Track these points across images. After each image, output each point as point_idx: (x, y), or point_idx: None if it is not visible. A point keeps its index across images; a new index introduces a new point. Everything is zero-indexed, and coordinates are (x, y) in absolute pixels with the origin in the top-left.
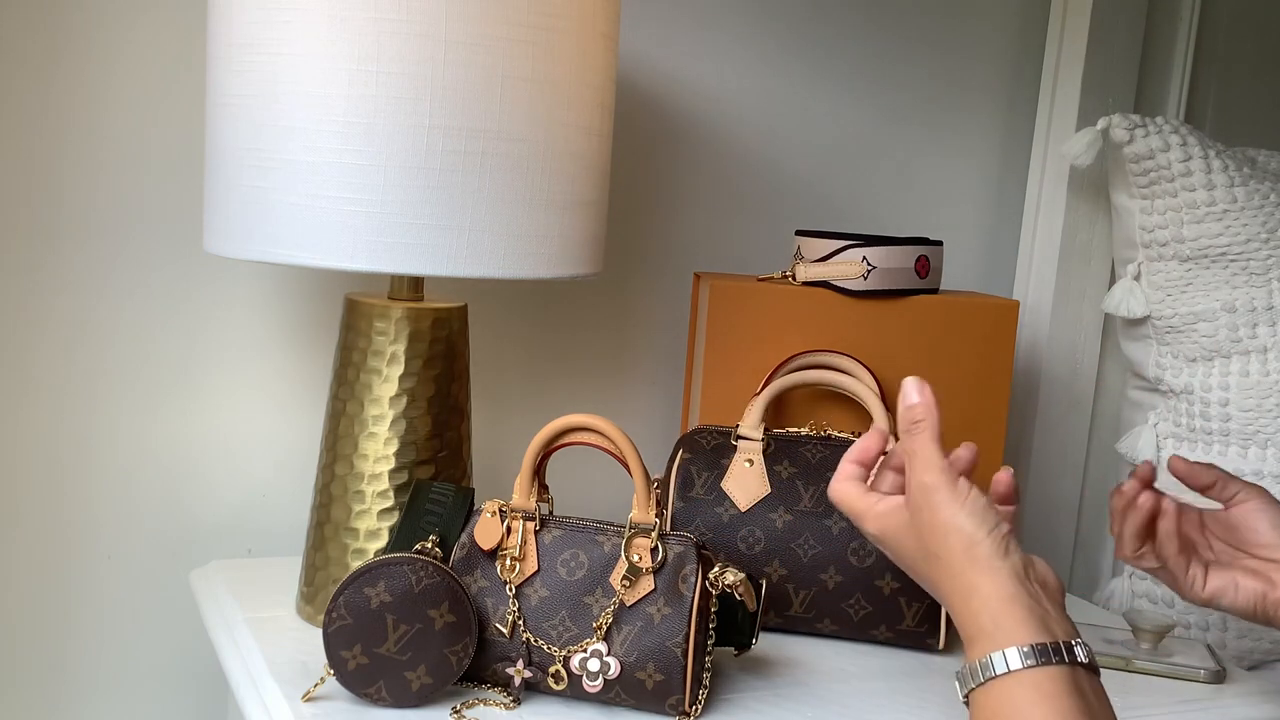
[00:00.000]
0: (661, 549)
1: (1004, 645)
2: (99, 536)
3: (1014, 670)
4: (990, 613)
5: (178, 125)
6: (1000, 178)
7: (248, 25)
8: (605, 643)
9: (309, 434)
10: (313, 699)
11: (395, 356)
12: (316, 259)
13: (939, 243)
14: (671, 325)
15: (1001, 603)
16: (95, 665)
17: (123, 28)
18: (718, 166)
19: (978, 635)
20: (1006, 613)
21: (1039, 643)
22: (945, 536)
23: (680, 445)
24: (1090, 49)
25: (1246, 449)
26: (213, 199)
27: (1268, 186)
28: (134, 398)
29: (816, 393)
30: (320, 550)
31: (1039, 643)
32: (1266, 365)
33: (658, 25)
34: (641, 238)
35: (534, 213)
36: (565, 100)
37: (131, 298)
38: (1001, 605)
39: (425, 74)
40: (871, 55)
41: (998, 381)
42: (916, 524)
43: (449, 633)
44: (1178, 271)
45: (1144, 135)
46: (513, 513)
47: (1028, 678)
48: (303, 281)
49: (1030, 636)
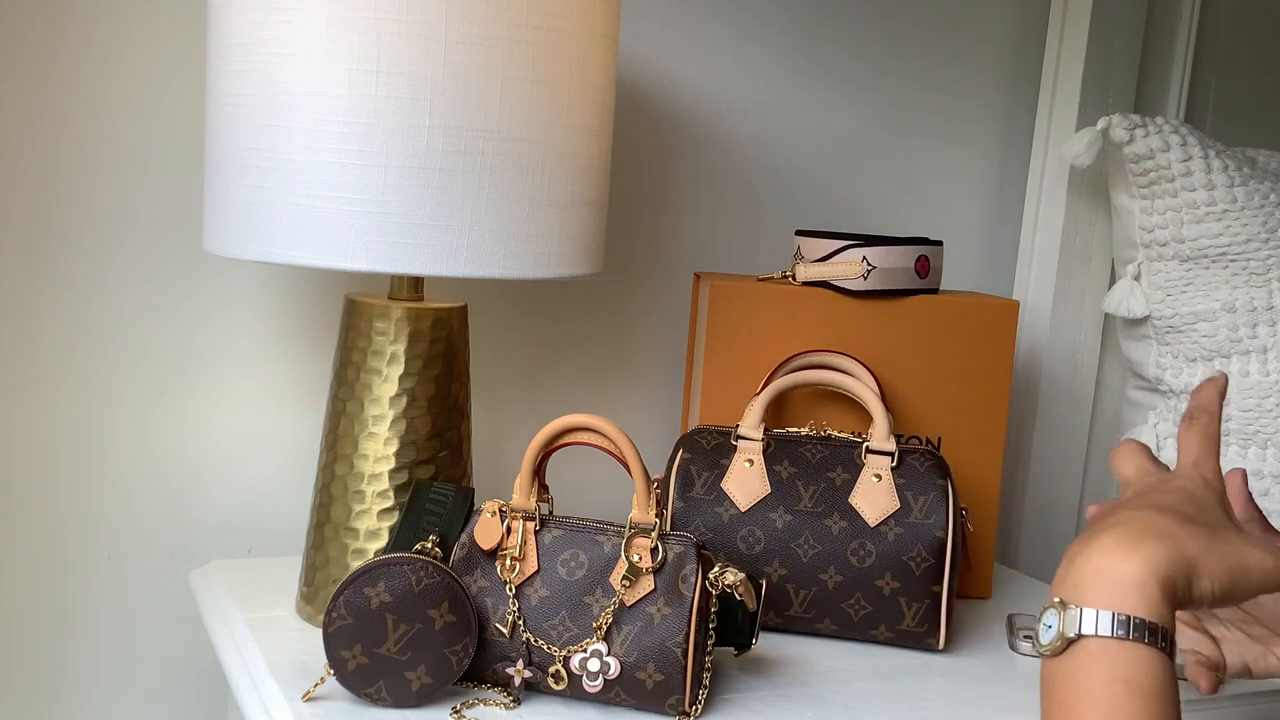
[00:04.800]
0: (661, 549)
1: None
2: (99, 537)
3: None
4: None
5: (178, 125)
6: (1000, 178)
7: (248, 25)
8: (605, 643)
9: (309, 434)
10: (313, 699)
11: (395, 356)
12: (316, 259)
13: (939, 243)
14: (671, 325)
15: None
16: (95, 665)
17: (123, 28)
18: (717, 166)
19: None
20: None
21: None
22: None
23: (680, 445)
24: (1090, 49)
25: (1246, 449)
26: (213, 199)
27: (1268, 186)
28: (134, 397)
29: (816, 393)
30: (320, 550)
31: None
32: (1266, 365)
33: (658, 25)
34: (641, 238)
35: (534, 213)
36: (565, 100)
37: (131, 297)
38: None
39: (425, 74)
40: (872, 55)
41: (998, 381)
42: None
43: (449, 633)
44: (1178, 271)
45: (1144, 135)
46: (513, 513)
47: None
48: (303, 281)
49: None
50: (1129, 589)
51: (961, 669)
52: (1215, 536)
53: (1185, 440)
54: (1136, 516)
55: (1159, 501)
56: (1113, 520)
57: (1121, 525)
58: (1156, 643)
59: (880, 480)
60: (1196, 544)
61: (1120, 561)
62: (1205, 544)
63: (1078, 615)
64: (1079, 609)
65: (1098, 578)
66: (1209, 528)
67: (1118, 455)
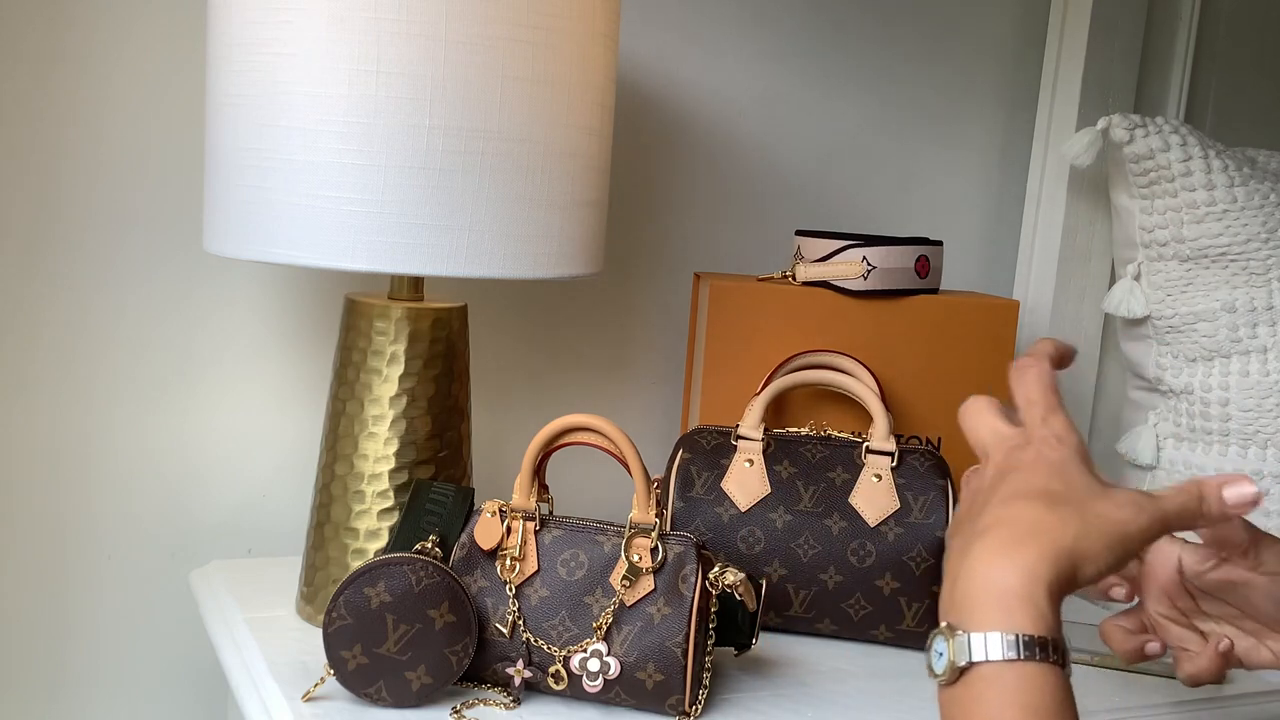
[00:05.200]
0: (661, 549)
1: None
2: (99, 537)
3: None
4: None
5: (178, 125)
6: (1000, 178)
7: (248, 25)
8: (605, 643)
9: (309, 434)
10: (313, 699)
11: (395, 356)
12: (316, 259)
13: (939, 243)
14: (671, 325)
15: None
16: (95, 665)
17: (123, 28)
18: (717, 166)
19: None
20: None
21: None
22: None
23: (680, 445)
24: (1090, 49)
25: (1246, 449)
26: (213, 199)
27: (1268, 186)
28: (134, 397)
29: (816, 393)
30: (320, 550)
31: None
32: (1266, 365)
33: (658, 25)
34: (641, 238)
35: (534, 213)
36: (565, 100)
37: (131, 297)
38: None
39: (425, 74)
40: (872, 55)
41: (998, 381)
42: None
43: (449, 633)
44: (1178, 271)
45: (1144, 135)
46: (513, 513)
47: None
48: (303, 281)
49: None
50: (1014, 605)
51: None
52: (1087, 511)
53: (1023, 390)
54: (1008, 516)
55: (1024, 486)
56: (985, 524)
57: (995, 530)
58: (1049, 658)
59: (880, 480)
60: (1071, 529)
61: (1002, 575)
62: (1080, 526)
63: (966, 641)
64: (967, 634)
65: (983, 596)
66: (1078, 504)
67: (967, 417)
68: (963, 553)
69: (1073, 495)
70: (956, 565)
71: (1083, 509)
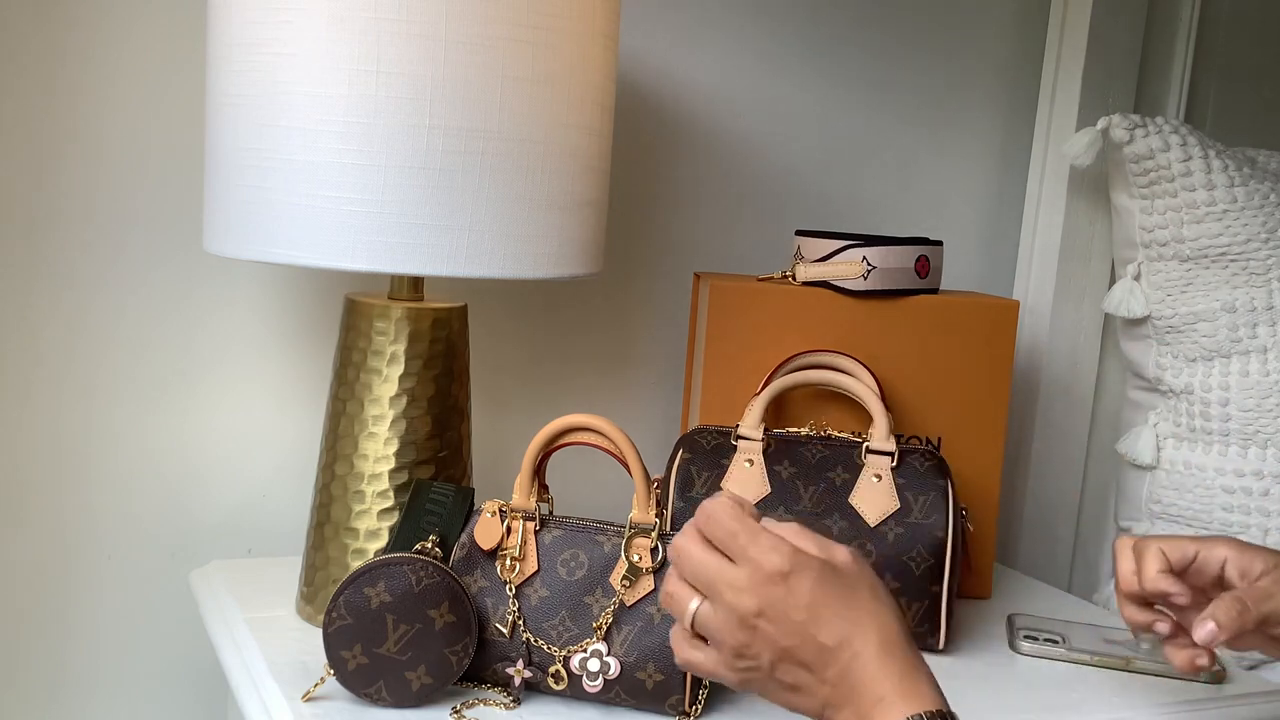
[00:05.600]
0: (661, 549)
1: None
2: (99, 536)
3: None
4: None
5: (178, 125)
6: (1000, 178)
7: (248, 25)
8: (605, 643)
9: (309, 434)
10: (313, 699)
11: (395, 356)
12: (316, 259)
13: (939, 243)
14: (671, 325)
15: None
16: (95, 665)
17: (123, 28)
18: (718, 166)
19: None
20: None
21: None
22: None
23: (680, 445)
24: (1090, 49)
25: (1246, 449)
26: (213, 199)
27: (1268, 186)
28: (134, 397)
29: (816, 393)
30: (320, 550)
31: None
32: (1266, 365)
33: (658, 25)
34: (641, 238)
35: (534, 213)
36: (565, 100)
37: (132, 297)
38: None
39: (425, 74)
40: (872, 55)
41: (998, 381)
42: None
43: (449, 633)
44: (1178, 271)
45: (1144, 135)
46: (513, 513)
47: None
48: (303, 281)
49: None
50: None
51: (961, 669)
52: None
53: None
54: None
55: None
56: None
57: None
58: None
59: (880, 480)
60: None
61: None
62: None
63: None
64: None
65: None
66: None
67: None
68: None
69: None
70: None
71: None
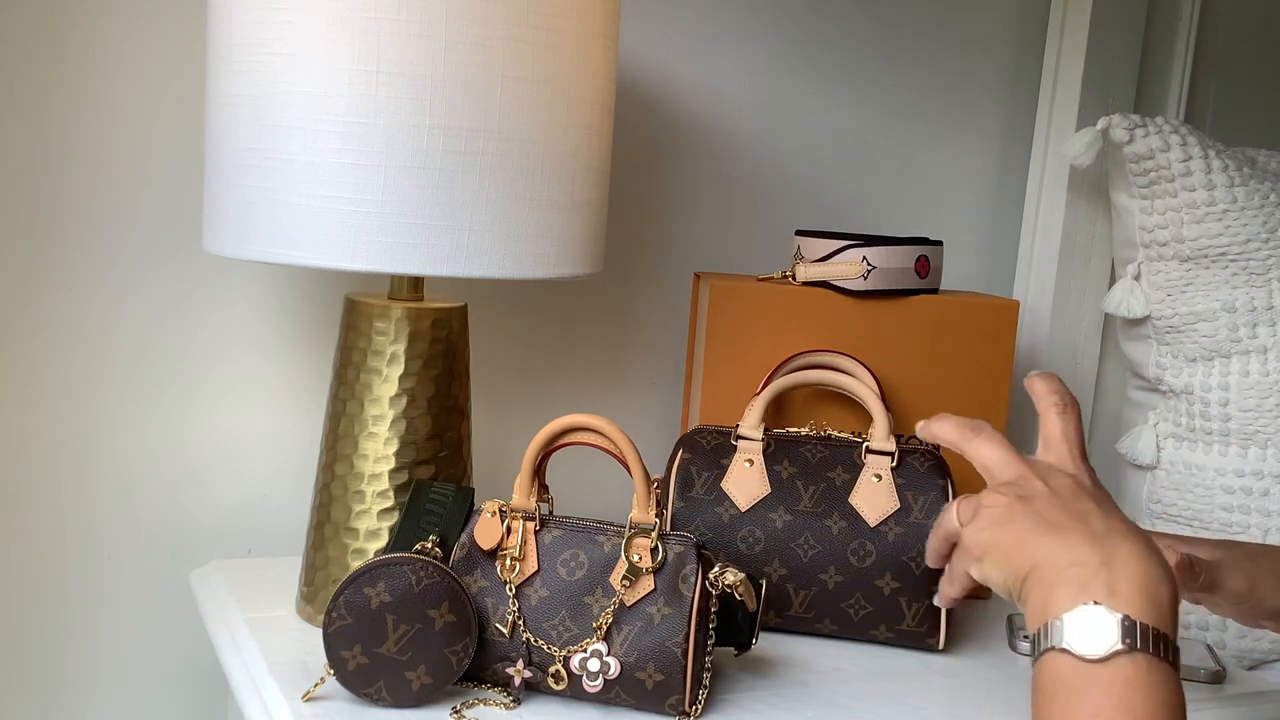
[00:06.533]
0: (661, 549)
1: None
2: (99, 536)
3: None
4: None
5: (178, 125)
6: (1000, 178)
7: (248, 25)
8: (605, 643)
9: (309, 434)
10: (313, 699)
11: (395, 356)
12: (316, 259)
13: (939, 243)
14: (671, 325)
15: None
16: (95, 665)
17: (123, 28)
18: (718, 166)
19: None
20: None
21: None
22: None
23: (680, 445)
24: (1090, 49)
25: (1246, 449)
26: (213, 198)
27: (1268, 186)
28: (134, 397)
29: (816, 393)
30: (320, 550)
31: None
32: (1266, 365)
33: (658, 25)
34: (641, 238)
35: (534, 213)
36: (565, 100)
37: (131, 297)
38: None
39: (425, 74)
40: (872, 55)
41: (998, 381)
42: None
43: (449, 633)
44: (1178, 271)
45: (1144, 135)
46: (513, 513)
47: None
48: (303, 281)
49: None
50: (1167, 610)
51: (961, 669)
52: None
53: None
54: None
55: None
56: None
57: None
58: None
59: (880, 480)
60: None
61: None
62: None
63: (1135, 628)
64: (1136, 621)
65: (1146, 591)
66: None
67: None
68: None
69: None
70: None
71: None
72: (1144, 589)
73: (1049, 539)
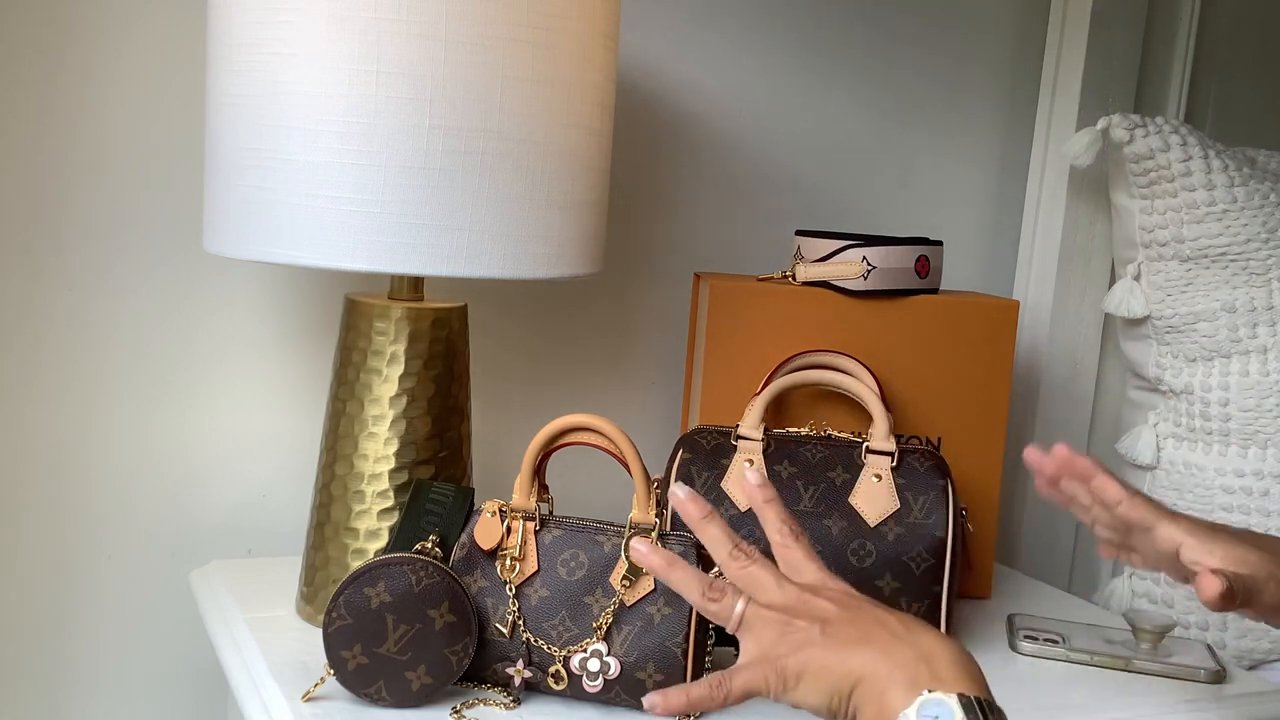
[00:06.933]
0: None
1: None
2: (99, 536)
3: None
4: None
5: (178, 125)
6: (1000, 178)
7: (248, 25)
8: (605, 643)
9: (309, 434)
10: (313, 699)
11: (395, 356)
12: (316, 259)
13: (939, 243)
14: (671, 325)
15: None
16: (95, 665)
17: (123, 28)
18: (718, 166)
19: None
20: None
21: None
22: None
23: (680, 445)
24: (1090, 49)
25: (1246, 449)
26: (213, 198)
27: (1268, 186)
28: (134, 397)
29: (816, 393)
30: (320, 550)
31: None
32: (1266, 365)
33: (658, 25)
34: (641, 238)
35: (534, 213)
36: (565, 100)
37: (132, 297)
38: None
39: (425, 74)
40: (872, 55)
41: (998, 381)
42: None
43: (449, 633)
44: (1178, 271)
45: (1144, 135)
46: (513, 513)
47: None
48: (303, 281)
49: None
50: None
51: None
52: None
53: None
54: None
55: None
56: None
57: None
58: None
59: (880, 480)
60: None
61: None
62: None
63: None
64: (970, 696)
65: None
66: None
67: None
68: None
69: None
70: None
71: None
72: (962, 669)
73: (863, 652)
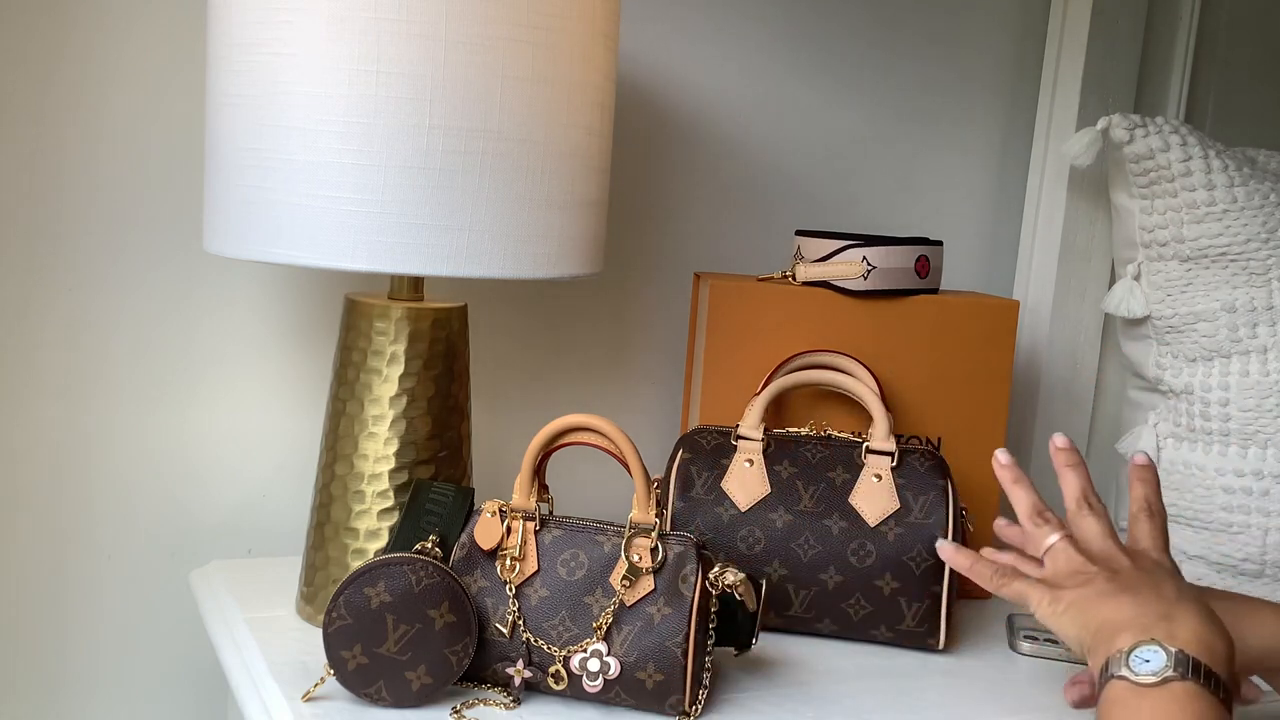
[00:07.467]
0: (661, 549)
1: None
2: (99, 536)
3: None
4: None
5: (178, 125)
6: (1000, 178)
7: (248, 25)
8: (605, 643)
9: (309, 434)
10: (313, 699)
11: (395, 356)
12: (316, 259)
13: (939, 243)
14: (671, 325)
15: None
16: (95, 665)
17: (123, 28)
18: (718, 166)
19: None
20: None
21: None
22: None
23: (680, 445)
24: (1090, 49)
25: (1246, 449)
26: (213, 198)
27: (1268, 186)
28: (134, 397)
29: (816, 393)
30: (320, 550)
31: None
32: (1266, 365)
33: (658, 25)
34: (641, 238)
35: (534, 213)
36: (565, 100)
37: (131, 297)
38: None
39: (425, 74)
40: (872, 55)
41: (998, 381)
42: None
43: (449, 633)
44: (1178, 271)
45: (1144, 135)
46: (513, 513)
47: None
48: (303, 281)
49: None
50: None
51: (961, 669)
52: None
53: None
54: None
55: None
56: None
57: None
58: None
59: (880, 480)
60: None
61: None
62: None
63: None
64: (1189, 655)
65: (1200, 642)
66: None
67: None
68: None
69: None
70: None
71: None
72: (1201, 639)
73: (1122, 599)
